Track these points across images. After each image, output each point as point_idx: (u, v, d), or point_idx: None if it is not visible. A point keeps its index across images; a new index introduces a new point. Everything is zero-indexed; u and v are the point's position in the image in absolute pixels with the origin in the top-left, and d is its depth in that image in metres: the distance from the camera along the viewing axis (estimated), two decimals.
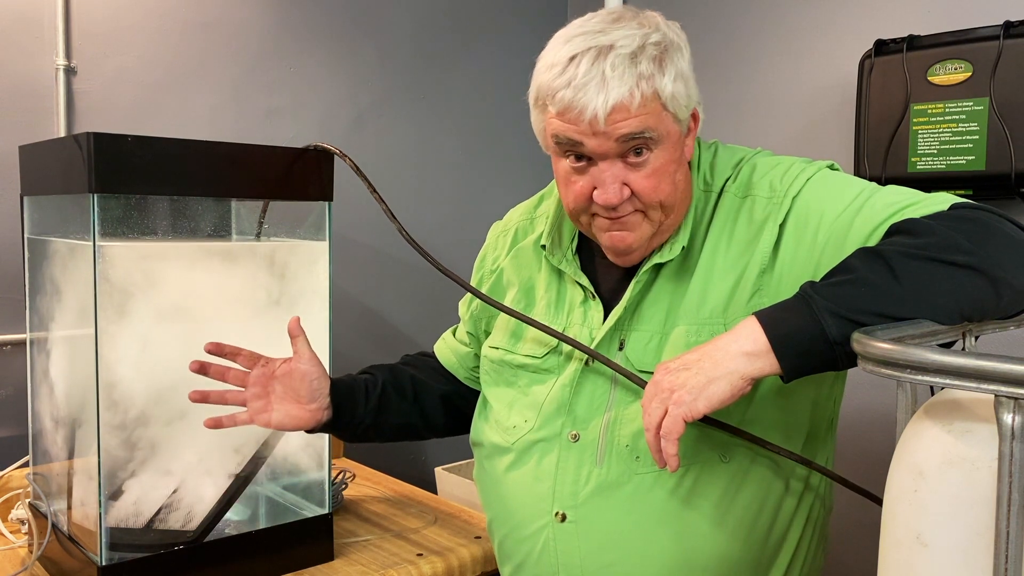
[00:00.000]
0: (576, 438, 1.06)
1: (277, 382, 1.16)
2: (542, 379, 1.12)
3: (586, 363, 1.08)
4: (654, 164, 0.99)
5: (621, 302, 1.06)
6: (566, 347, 1.10)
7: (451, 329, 1.37)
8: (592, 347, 1.06)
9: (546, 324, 1.10)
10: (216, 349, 1.14)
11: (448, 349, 1.33)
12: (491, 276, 1.23)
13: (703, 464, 1.01)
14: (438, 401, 1.30)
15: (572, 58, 0.96)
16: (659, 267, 1.06)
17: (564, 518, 1.06)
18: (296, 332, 1.16)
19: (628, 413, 1.04)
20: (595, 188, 1.00)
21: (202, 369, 1.14)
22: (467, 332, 1.30)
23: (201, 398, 1.14)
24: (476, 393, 1.25)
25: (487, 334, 1.24)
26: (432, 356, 1.35)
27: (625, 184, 1.00)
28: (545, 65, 0.99)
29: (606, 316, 1.08)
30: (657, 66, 0.96)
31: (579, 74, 0.96)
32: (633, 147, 0.98)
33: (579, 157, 1.00)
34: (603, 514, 1.04)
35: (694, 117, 1.04)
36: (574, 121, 0.97)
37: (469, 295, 1.28)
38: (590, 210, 1.03)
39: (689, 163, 1.08)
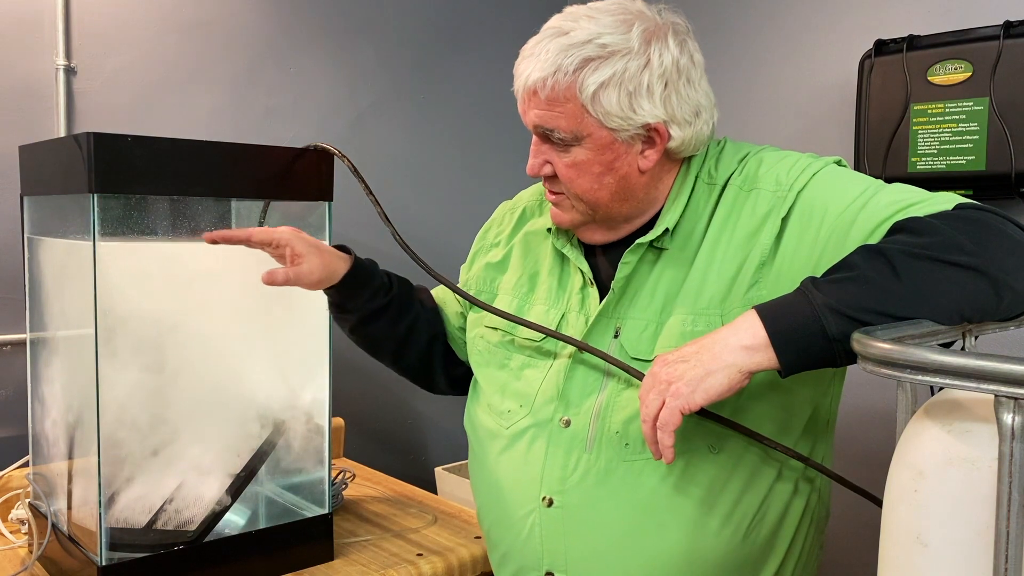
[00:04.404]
0: (567, 424, 1.06)
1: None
2: (536, 363, 1.12)
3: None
4: (576, 157, 1.03)
5: (612, 284, 1.07)
6: (565, 332, 1.10)
7: None
8: (586, 330, 1.07)
9: (539, 320, 1.12)
10: (211, 238, 1.12)
11: (445, 297, 1.34)
12: (490, 249, 1.26)
13: (692, 453, 1.01)
14: (424, 344, 1.30)
15: (543, 29, 1.03)
16: (657, 255, 1.07)
17: (551, 503, 1.06)
18: (278, 275, 1.14)
19: (620, 400, 1.04)
20: None
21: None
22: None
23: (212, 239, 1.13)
24: (450, 353, 1.30)
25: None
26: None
27: (548, 162, 1.05)
28: None
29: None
30: (585, 65, 0.98)
31: (529, 45, 1.03)
32: (551, 138, 1.03)
33: None
34: (590, 501, 1.04)
35: (657, 132, 1.02)
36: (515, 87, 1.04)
37: (469, 260, 1.31)
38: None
39: (687, 162, 1.08)
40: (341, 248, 1.23)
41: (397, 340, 1.28)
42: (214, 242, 1.12)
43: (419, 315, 1.29)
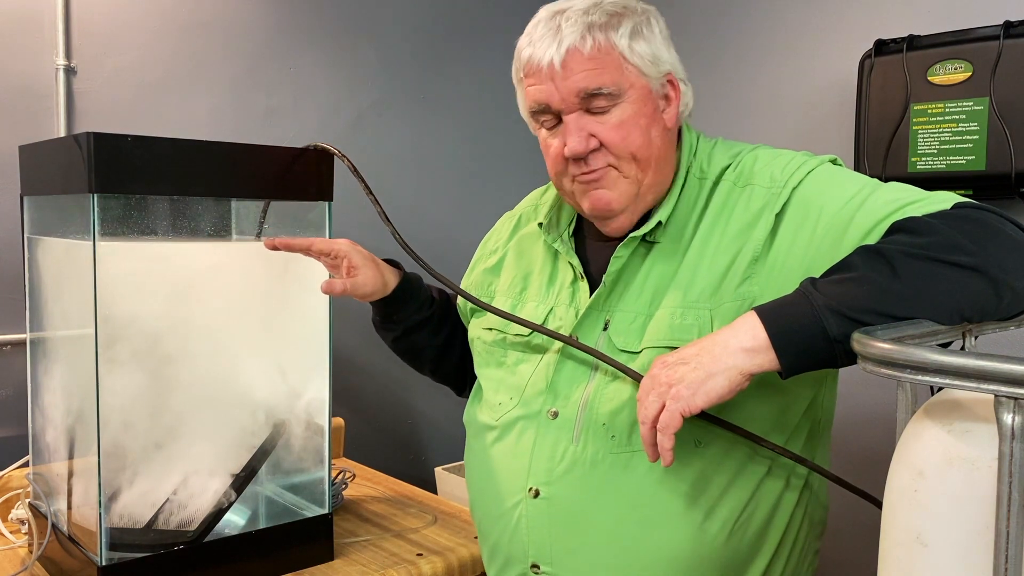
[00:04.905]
0: (555, 415, 1.07)
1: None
2: (528, 358, 1.13)
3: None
4: (621, 115, 1.03)
5: (604, 277, 1.07)
6: (553, 326, 1.11)
7: None
8: (576, 322, 1.08)
9: (530, 316, 1.13)
10: (272, 244, 1.21)
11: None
12: (489, 256, 1.27)
13: (678, 448, 1.00)
14: (460, 351, 1.33)
15: (536, 23, 1.04)
16: (649, 249, 1.07)
17: (537, 494, 1.06)
18: (336, 286, 1.19)
19: (607, 392, 1.04)
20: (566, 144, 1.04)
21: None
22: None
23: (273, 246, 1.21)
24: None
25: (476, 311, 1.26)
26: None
27: (593, 136, 1.03)
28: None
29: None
30: (610, 19, 1.02)
31: (538, 32, 1.03)
32: (594, 102, 1.02)
33: (553, 120, 1.05)
34: (575, 492, 1.04)
35: (672, 84, 1.06)
36: (536, 76, 1.03)
37: (470, 268, 1.32)
38: (569, 172, 1.06)
39: (680, 140, 1.10)
40: (391, 262, 1.29)
41: (437, 349, 1.32)
42: (275, 248, 1.20)
43: (456, 324, 1.33)
